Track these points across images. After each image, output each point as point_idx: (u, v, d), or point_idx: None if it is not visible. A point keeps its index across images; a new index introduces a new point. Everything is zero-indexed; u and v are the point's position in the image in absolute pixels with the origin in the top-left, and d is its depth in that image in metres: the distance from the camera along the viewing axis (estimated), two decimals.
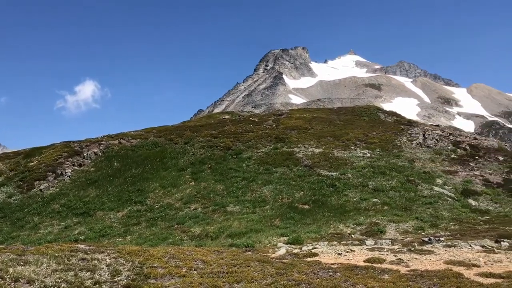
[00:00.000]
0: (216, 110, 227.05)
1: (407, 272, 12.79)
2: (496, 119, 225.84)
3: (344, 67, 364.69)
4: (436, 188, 31.24)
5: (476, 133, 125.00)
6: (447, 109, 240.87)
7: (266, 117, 59.64)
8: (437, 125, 62.76)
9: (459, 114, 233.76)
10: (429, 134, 46.18)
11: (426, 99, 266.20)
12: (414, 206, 27.51)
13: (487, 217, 25.41)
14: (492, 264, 13.99)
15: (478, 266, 13.68)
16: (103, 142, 47.98)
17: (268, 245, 19.85)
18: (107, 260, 12.73)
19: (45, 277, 10.79)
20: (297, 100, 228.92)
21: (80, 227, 28.67)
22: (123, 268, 12.16)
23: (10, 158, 46.75)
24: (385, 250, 16.58)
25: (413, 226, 23.10)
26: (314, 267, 13.37)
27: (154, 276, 11.70)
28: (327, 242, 19.08)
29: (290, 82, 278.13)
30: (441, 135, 46.13)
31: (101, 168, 41.35)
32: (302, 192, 31.54)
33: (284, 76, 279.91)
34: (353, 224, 23.90)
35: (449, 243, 17.80)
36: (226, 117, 63.82)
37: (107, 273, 11.62)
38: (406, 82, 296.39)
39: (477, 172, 35.59)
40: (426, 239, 18.68)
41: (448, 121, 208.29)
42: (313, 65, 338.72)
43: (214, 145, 45.48)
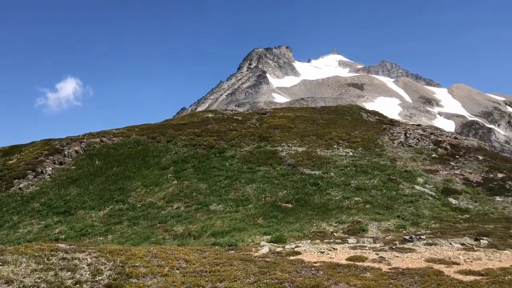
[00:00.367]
0: (200, 109, 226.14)
1: (389, 270, 12.90)
2: (476, 119, 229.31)
3: (327, 67, 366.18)
4: (417, 187, 31.63)
5: (457, 133, 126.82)
6: (428, 109, 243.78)
7: (250, 116, 59.66)
8: (419, 125, 63.59)
9: (440, 114, 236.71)
10: (411, 134, 46.73)
11: (408, 99, 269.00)
12: (396, 205, 27.79)
13: (467, 216, 25.82)
14: (472, 262, 14.22)
15: (458, 264, 13.88)
16: (85, 140, 47.40)
17: (251, 244, 19.84)
18: (88, 260, 12.55)
19: (24, 277, 10.58)
20: (281, 99, 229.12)
21: (61, 226, 28.23)
22: (105, 268, 12.00)
23: None
24: (367, 249, 16.71)
25: (395, 225, 23.31)
26: (297, 266, 13.39)
27: (136, 276, 11.58)
28: (310, 241, 19.15)
29: (274, 81, 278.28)
30: (422, 135, 46.71)
31: (82, 167, 40.83)
32: (285, 191, 31.61)
33: (268, 75, 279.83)
34: (336, 223, 24.01)
35: (430, 241, 18.05)
36: (210, 116, 63.67)
37: (88, 273, 11.46)
38: (388, 82, 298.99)
39: (458, 171, 36.15)
40: (408, 238, 18.90)
41: (429, 121, 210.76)
42: (297, 64, 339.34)
43: (197, 144, 45.28)
